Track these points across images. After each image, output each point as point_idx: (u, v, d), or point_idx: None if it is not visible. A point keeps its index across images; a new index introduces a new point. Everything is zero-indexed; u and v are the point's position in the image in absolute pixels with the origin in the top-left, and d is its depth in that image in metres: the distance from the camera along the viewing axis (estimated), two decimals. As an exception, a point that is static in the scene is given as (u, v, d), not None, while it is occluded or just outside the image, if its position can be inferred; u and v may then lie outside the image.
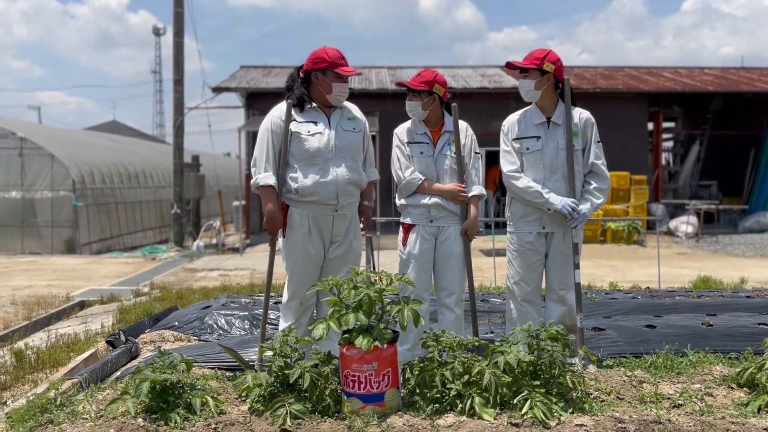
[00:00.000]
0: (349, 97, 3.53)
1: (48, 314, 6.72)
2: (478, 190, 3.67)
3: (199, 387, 3.04)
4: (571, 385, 2.90)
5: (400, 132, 3.75)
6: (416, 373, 2.94)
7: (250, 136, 15.98)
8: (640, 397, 3.01)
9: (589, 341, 3.88)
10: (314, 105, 3.44)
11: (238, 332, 4.73)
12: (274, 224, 3.39)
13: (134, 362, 4.16)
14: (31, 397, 3.32)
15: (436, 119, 3.69)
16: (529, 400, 2.71)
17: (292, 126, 3.38)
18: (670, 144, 20.62)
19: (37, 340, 5.44)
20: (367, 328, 2.77)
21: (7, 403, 3.58)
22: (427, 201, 3.61)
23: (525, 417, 2.66)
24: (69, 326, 6.11)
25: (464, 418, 2.68)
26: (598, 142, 3.66)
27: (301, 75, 3.48)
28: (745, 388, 3.13)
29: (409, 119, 3.76)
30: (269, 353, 2.96)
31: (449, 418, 2.69)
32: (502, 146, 3.72)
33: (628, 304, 5.25)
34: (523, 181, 3.58)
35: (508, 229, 3.78)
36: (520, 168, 3.64)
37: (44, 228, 13.93)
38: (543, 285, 3.80)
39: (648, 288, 6.83)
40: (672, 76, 19.92)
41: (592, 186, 3.63)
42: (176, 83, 15.33)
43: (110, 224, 15.56)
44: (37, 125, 21.23)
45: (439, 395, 2.81)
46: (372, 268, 7.75)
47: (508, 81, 17.82)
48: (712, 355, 3.72)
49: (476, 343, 3.06)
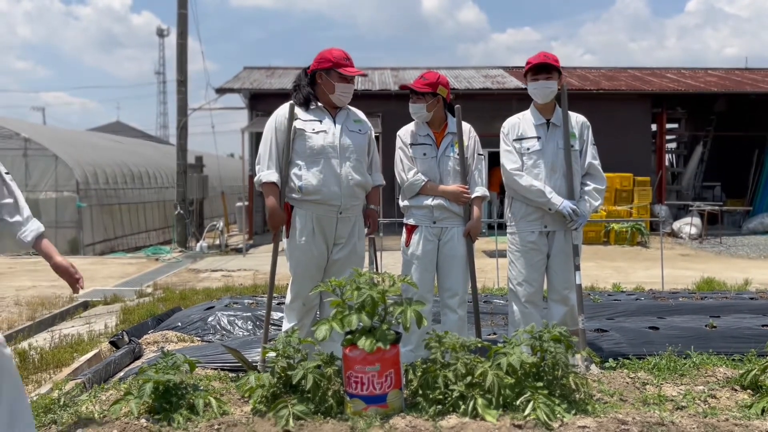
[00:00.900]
0: (352, 98, 3.53)
1: (52, 315, 6.74)
2: (482, 191, 3.69)
3: (202, 388, 3.05)
4: (574, 387, 2.89)
5: (403, 134, 3.75)
6: (419, 374, 2.94)
7: (254, 137, 16.00)
8: (644, 399, 3.01)
9: (592, 342, 3.88)
10: (320, 105, 3.44)
11: (241, 333, 4.74)
12: (276, 220, 3.39)
13: (137, 363, 4.17)
14: (35, 398, 3.32)
15: (439, 121, 3.70)
16: (532, 402, 2.71)
17: (297, 123, 3.39)
18: (673, 145, 20.57)
19: (41, 340, 5.45)
20: (370, 330, 2.77)
21: (11, 404, 3.58)
22: (430, 202, 3.61)
23: (528, 418, 2.65)
24: (73, 326, 6.13)
25: (467, 419, 2.68)
26: (593, 144, 3.77)
27: (308, 75, 3.50)
28: (748, 390, 3.13)
29: (412, 121, 3.77)
30: (272, 354, 2.96)
31: (452, 420, 2.69)
32: (503, 146, 3.76)
33: (631, 306, 5.24)
34: (526, 180, 3.62)
35: (509, 230, 3.79)
36: (522, 167, 3.66)
37: (48, 228, 13.75)
38: (544, 286, 3.81)
39: (651, 289, 6.82)
40: (675, 77, 19.88)
41: (590, 187, 3.69)
42: (180, 84, 15.36)
43: (114, 225, 15.58)
44: (41, 126, 21.28)
45: (441, 396, 2.81)
46: (375, 269, 7.77)
47: (511, 82, 17.81)
48: (715, 357, 3.71)
49: (479, 345, 3.06)
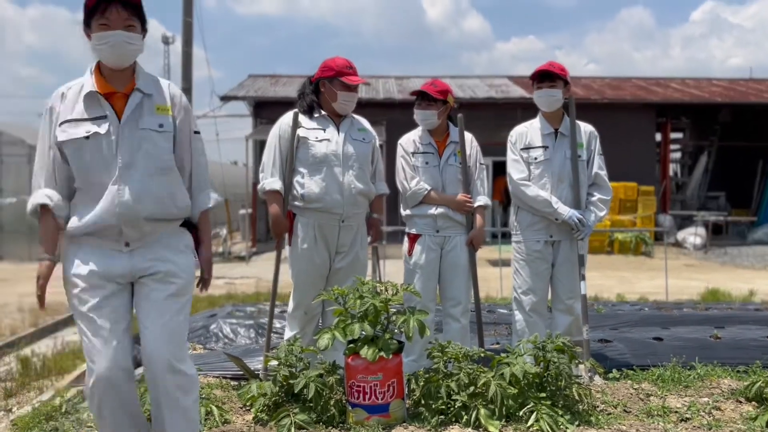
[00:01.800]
0: (357, 106, 3.53)
1: (54, 321, 6.73)
2: (484, 200, 3.69)
3: (203, 396, 3.04)
4: (577, 398, 2.88)
5: (405, 142, 3.75)
6: (421, 384, 2.93)
7: (258, 145, 16.04)
8: (648, 411, 2.99)
9: (596, 353, 3.86)
10: (324, 113, 3.45)
11: (243, 341, 4.73)
12: (280, 227, 3.39)
13: (139, 370, 4.15)
14: (37, 405, 3.32)
15: (442, 129, 3.71)
16: (535, 413, 2.70)
17: (300, 132, 3.39)
18: (677, 155, 20.55)
19: (43, 347, 5.45)
20: (373, 339, 2.76)
21: (13, 410, 3.58)
22: (433, 211, 3.61)
23: (531, 429, 2.64)
24: (75, 333, 6.11)
25: (469, 430, 2.67)
26: (600, 155, 3.76)
27: (312, 83, 3.51)
28: (753, 402, 3.11)
29: (415, 129, 3.77)
30: (274, 362, 2.95)
31: (454, 430, 2.68)
32: (510, 155, 3.75)
33: (635, 316, 5.22)
34: (533, 190, 3.60)
35: (514, 239, 3.78)
36: (528, 177, 3.66)
37: (52, 235, 13.98)
38: (548, 296, 3.79)
39: (655, 300, 6.79)
40: (680, 87, 19.89)
41: (596, 197, 3.67)
42: (184, 92, 15.31)
43: (117, 231, 15.58)
44: (46, 133, 21.34)
45: (444, 407, 2.80)
46: (378, 278, 7.75)
47: (515, 91, 17.84)
48: (720, 369, 3.69)
49: (482, 354, 3.05)
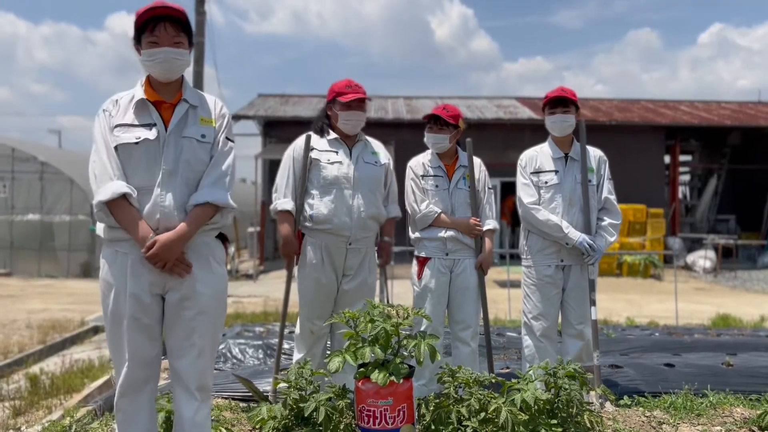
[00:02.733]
0: (365, 126, 3.55)
1: (62, 339, 6.75)
2: (493, 224, 3.69)
3: (213, 418, 3.03)
4: (588, 425, 2.85)
5: (414, 165, 3.76)
6: (432, 408, 2.91)
7: (267, 164, 16.12)
8: (660, 439, 2.95)
9: (606, 379, 3.83)
10: (336, 136, 3.48)
11: (252, 361, 4.72)
12: (290, 248, 3.40)
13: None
14: (46, 424, 3.32)
15: (452, 153, 3.73)
16: (546, 440, 2.67)
17: (313, 154, 3.43)
18: (687, 177, 20.51)
19: (52, 364, 5.46)
20: (383, 363, 2.75)
21: (22, 429, 3.58)
22: (443, 234, 3.61)
23: (542, 457, 2.61)
24: (83, 351, 6.14)
25: (480, 456, 2.64)
26: (609, 179, 3.77)
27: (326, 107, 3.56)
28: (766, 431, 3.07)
29: (425, 150, 3.79)
30: (284, 385, 2.95)
31: (465, 457, 2.66)
32: (520, 179, 3.75)
33: (645, 341, 5.18)
34: (543, 214, 3.60)
35: (525, 263, 3.76)
36: (538, 201, 3.66)
37: (61, 252, 14.05)
38: (558, 320, 3.77)
39: (665, 325, 6.74)
40: (689, 109, 19.90)
41: (606, 222, 3.67)
42: (195, 111, 15.53)
43: (126, 249, 15.63)
44: (57, 149, 21.57)
45: (454, 432, 2.77)
46: (386, 298, 7.73)
47: (524, 112, 17.90)
48: (732, 396, 3.65)
49: (493, 380, 3.03)
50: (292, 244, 3.39)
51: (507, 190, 16.86)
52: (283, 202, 3.41)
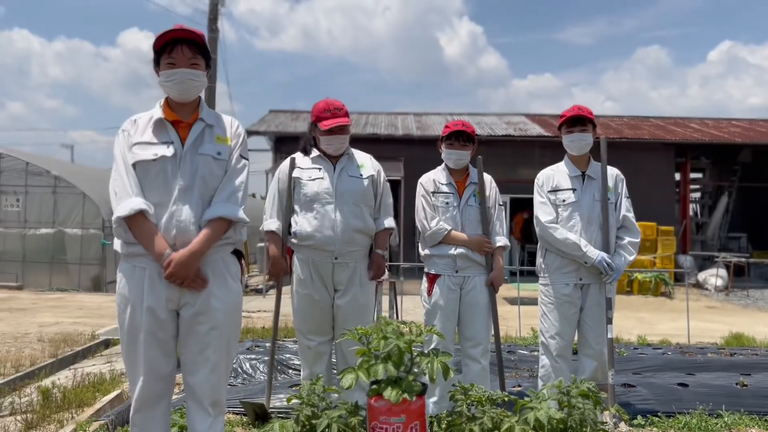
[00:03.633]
0: (376, 141, 3.57)
1: (74, 352, 6.76)
2: (503, 241, 3.68)
3: (224, 434, 3.02)
4: (602, 445, 2.83)
5: (425, 181, 3.76)
6: (444, 426, 2.90)
7: (277, 179, 16.19)
8: (674, 460, 2.93)
9: (619, 398, 3.80)
10: (319, 153, 3.50)
11: (262, 377, 4.72)
12: (277, 268, 3.45)
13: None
14: (58, 438, 3.33)
15: (464, 170, 3.74)
16: (560, 460, 2.65)
17: (295, 173, 3.47)
18: (697, 195, 20.42)
19: (63, 378, 5.47)
20: (396, 380, 2.75)
21: (33, 443, 3.59)
22: (453, 251, 3.60)
23: (555, 477, 2.59)
24: (94, 365, 6.15)
25: (493, 475, 2.63)
26: (627, 197, 3.74)
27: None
28: (783, 454, 3.03)
29: (435, 166, 3.80)
30: (296, 401, 2.95)
31: (477, 475, 2.64)
32: (537, 198, 3.73)
33: (658, 360, 5.14)
34: (561, 233, 3.58)
35: (542, 282, 3.73)
36: (556, 220, 3.65)
37: (72, 265, 14.14)
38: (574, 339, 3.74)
39: (678, 343, 6.68)
40: (699, 126, 19.86)
41: (625, 240, 3.63)
42: (207, 126, 15.66)
43: (136, 263, 15.70)
44: (70, 164, 21.77)
45: (467, 451, 2.76)
46: (395, 314, 7.73)
47: (533, 129, 17.92)
48: (747, 417, 3.62)
49: (505, 398, 3.02)
50: (279, 263, 3.44)
51: (517, 207, 16.85)
52: (269, 223, 3.48)
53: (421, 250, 3.79)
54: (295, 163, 3.51)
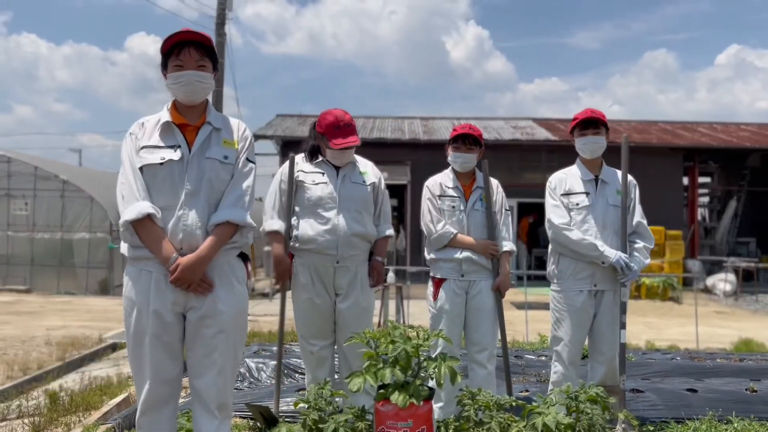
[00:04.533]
0: (382, 146, 3.57)
1: (81, 355, 6.80)
2: (510, 246, 3.66)
3: (231, 437, 3.02)
4: (611, 451, 2.80)
5: (431, 185, 3.75)
6: (451, 431, 2.89)
7: (284, 183, 16.21)
8: (684, 466, 2.90)
9: (628, 404, 3.77)
10: (323, 159, 3.49)
11: (269, 381, 4.71)
12: (281, 268, 3.42)
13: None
14: (65, 441, 3.33)
15: (470, 174, 3.73)
16: (568, 465, 2.63)
17: (299, 176, 3.46)
18: (706, 199, 20.32)
19: (70, 381, 5.49)
20: (403, 384, 2.74)
21: (41, 446, 3.59)
22: (458, 255, 3.59)
23: (564, 483, 2.57)
24: (101, 368, 6.17)
25: (500, 481, 2.61)
26: (639, 203, 3.68)
27: (315, 129, 3.55)
28: (795, 461, 3.00)
29: (441, 170, 3.79)
30: (303, 405, 2.94)
31: (485, 481, 2.62)
32: (550, 201, 3.67)
33: (666, 365, 5.10)
34: (576, 234, 3.51)
35: (554, 288, 3.65)
36: (569, 223, 3.58)
37: (80, 269, 14.20)
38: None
39: (687, 349, 6.64)
40: (707, 131, 19.78)
41: (641, 245, 3.58)
42: (214, 130, 15.72)
43: (144, 266, 15.76)
44: (78, 168, 21.88)
45: (474, 456, 2.74)
46: (402, 318, 7.71)
47: (540, 133, 17.90)
48: (757, 423, 3.58)
49: (513, 403, 3.00)
50: (284, 262, 3.41)
51: (523, 211, 16.83)
52: (271, 223, 3.45)
53: (426, 254, 3.77)
54: (297, 165, 3.50)
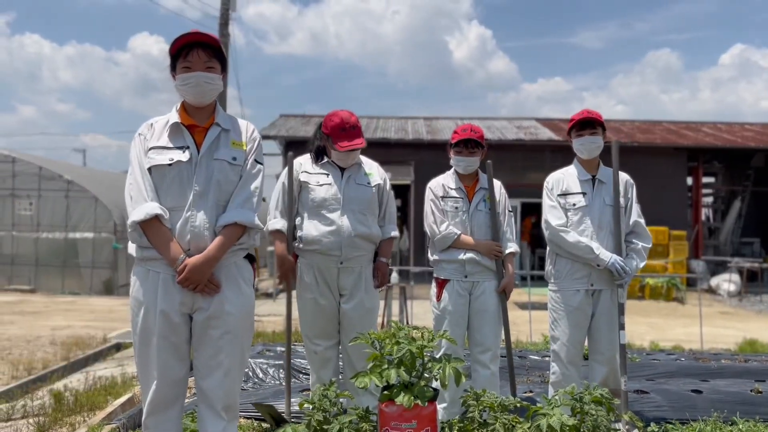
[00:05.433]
0: (385, 146, 3.58)
1: (85, 355, 6.82)
2: (513, 247, 3.67)
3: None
4: (615, 452, 2.80)
5: (434, 186, 3.76)
6: (455, 432, 2.89)
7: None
8: (689, 468, 2.89)
9: (632, 404, 3.77)
10: (328, 160, 3.50)
11: (273, 381, 4.72)
12: (285, 267, 3.43)
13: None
14: (71, 442, 3.34)
15: (473, 175, 3.72)
16: (573, 467, 2.63)
17: (303, 177, 3.47)
18: (710, 199, 20.27)
19: (75, 381, 5.50)
20: (407, 385, 2.74)
21: (46, 446, 3.60)
22: (462, 256, 3.59)
23: (568, 484, 2.57)
24: (106, 368, 6.18)
25: (505, 482, 2.61)
26: (637, 203, 3.70)
27: (320, 130, 3.55)
28: (800, 462, 2.99)
29: (444, 170, 3.79)
30: (308, 406, 2.94)
31: (489, 482, 2.62)
32: (547, 202, 3.70)
33: (671, 366, 5.09)
34: (573, 236, 3.54)
35: (551, 288, 3.69)
36: (566, 224, 3.61)
37: (84, 269, 14.24)
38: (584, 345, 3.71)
39: (691, 349, 6.63)
40: (711, 131, 19.73)
41: (638, 245, 3.60)
42: (218, 130, 15.73)
43: (148, 266, 15.80)
44: (82, 168, 21.92)
45: (479, 457, 2.74)
46: (405, 318, 7.71)
47: (544, 133, 17.87)
48: (762, 425, 3.57)
49: (517, 405, 3.00)
50: (287, 261, 3.42)
51: (527, 211, 16.81)
52: (274, 222, 3.47)
53: (430, 255, 3.77)
54: (301, 166, 3.51)
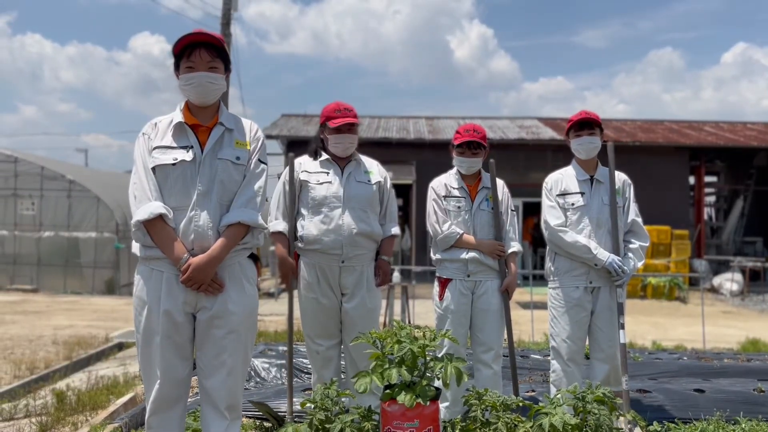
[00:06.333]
0: (388, 145, 3.58)
1: (88, 355, 6.82)
2: (516, 246, 3.67)
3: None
4: (618, 451, 2.80)
5: (437, 185, 3.76)
6: (458, 431, 2.88)
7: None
8: (692, 467, 2.89)
9: (635, 404, 3.76)
10: (327, 157, 3.51)
11: (274, 381, 4.72)
12: (285, 268, 3.43)
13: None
14: (73, 441, 3.34)
15: (476, 174, 3.72)
16: (575, 466, 2.62)
17: (303, 176, 3.48)
18: (712, 199, 20.24)
19: (77, 381, 5.51)
20: (409, 384, 2.73)
21: (48, 445, 3.61)
22: (465, 255, 3.59)
23: (571, 483, 2.57)
24: (108, 368, 6.19)
25: (507, 481, 2.61)
26: (635, 202, 3.72)
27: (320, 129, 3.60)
28: (803, 462, 2.99)
29: (446, 170, 3.79)
30: (310, 405, 2.94)
31: (492, 481, 2.62)
32: (546, 202, 3.72)
33: (673, 365, 5.08)
34: (571, 236, 3.56)
35: (551, 285, 3.71)
36: (565, 223, 3.63)
37: (86, 268, 14.26)
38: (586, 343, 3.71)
39: (693, 349, 6.62)
40: (713, 130, 19.70)
41: (636, 245, 3.61)
42: (220, 130, 15.74)
43: (150, 266, 15.82)
44: (84, 168, 21.98)
45: (481, 456, 2.74)
46: (407, 318, 7.71)
47: (546, 133, 17.86)
48: (765, 424, 3.57)
49: (520, 404, 2.99)
50: (288, 263, 3.42)
51: (529, 211, 16.79)
52: (275, 224, 3.47)
53: (432, 254, 3.77)
54: (300, 166, 3.52)
